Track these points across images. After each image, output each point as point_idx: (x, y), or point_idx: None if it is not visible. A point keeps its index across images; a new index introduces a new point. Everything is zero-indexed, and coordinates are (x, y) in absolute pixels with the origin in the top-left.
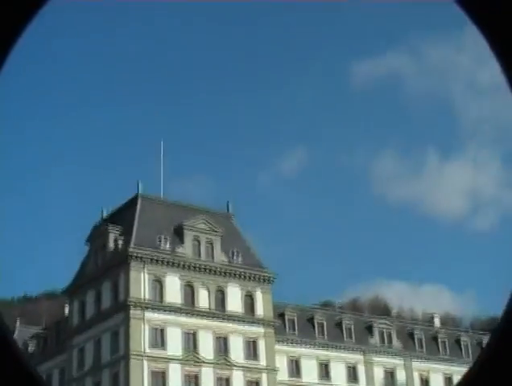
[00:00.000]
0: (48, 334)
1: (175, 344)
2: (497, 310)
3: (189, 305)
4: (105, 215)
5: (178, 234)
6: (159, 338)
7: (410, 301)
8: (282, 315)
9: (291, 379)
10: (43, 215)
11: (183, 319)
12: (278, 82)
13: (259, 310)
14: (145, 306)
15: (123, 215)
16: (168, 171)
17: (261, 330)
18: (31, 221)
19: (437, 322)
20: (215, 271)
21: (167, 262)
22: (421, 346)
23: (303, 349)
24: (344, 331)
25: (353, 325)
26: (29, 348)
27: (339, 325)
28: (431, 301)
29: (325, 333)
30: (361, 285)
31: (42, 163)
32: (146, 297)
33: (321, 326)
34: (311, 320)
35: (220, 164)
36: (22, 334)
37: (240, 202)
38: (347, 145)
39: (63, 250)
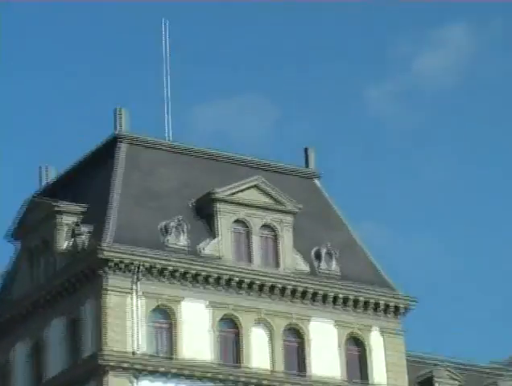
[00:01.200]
0: None
1: None
2: None
3: (226, 362)
4: (51, 177)
5: (202, 216)
6: None
7: None
8: (428, 383)
9: None
10: None
11: None
12: None
13: (378, 370)
14: (140, 369)
15: (89, 180)
16: (180, 88)
17: None
18: None
19: None
20: (283, 291)
21: (184, 275)
22: None
23: None
24: None
25: None
26: None
27: None
28: None
29: None
30: None
31: None
32: (143, 348)
33: None
34: None
35: (287, 78)
36: None
37: (329, 148)
38: None
39: None
